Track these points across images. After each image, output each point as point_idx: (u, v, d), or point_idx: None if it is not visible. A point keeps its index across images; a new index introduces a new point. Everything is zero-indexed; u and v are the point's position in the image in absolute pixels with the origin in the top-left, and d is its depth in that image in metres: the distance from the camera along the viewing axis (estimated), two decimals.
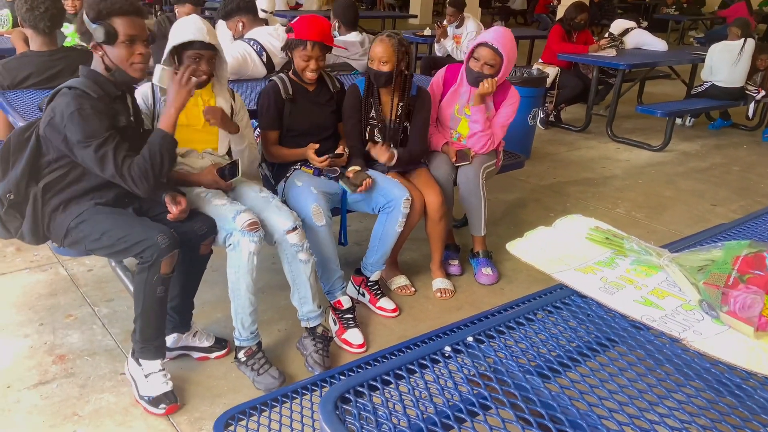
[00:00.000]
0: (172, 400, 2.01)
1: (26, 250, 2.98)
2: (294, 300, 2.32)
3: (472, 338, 1.04)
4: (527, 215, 3.86)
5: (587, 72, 5.94)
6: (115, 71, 1.95)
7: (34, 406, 2.01)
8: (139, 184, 1.91)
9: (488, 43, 2.75)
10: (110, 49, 1.92)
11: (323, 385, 1.41)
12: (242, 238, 2.06)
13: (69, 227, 1.98)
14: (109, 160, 1.86)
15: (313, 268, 2.27)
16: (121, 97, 2.02)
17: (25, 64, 2.88)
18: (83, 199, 2.01)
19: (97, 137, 1.85)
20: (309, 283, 2.27)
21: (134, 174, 1.89)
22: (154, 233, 1.89)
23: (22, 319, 2.47)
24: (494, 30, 2.82)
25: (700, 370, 0.98)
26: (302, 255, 2.23)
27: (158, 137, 1.95)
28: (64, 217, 2.00)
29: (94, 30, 1.88)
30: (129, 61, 1.94)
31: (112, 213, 1.99)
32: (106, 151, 1.86)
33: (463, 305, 2.79)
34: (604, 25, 8.54)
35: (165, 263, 1.90)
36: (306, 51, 2.48)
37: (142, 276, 1.92)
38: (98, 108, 1.88)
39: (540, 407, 0.87)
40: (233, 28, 3.60)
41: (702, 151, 5.59)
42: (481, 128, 2.87)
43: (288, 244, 2.21)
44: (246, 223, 2.06)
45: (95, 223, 1.96)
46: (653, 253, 1.27)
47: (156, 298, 1.94)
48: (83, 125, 1.84)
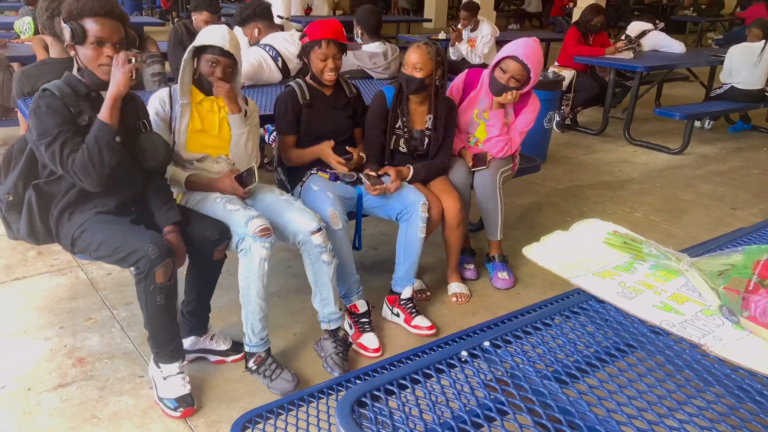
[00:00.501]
0: (189, 403, 2.03)
1: (47, 254, 3.03)
2: (315, 302, 2.33)
3: (488, 343, 1.04)
4: (544, 219, 3.84)
5: (604, 75, 5.90)
6: (84, 71, 1.97)
7: (54, 409, 2.03)
8: (83, 177, 1.90)
9: (518, 57, 2.71)
10: (80, 50, 1.94)
11: (339, 389, 1.41)
12: (253, 243, 2.07)
13: (74, 236, 2.02)
14: (55, 156, 1.88)
15: (335, 270, 2.28)
16: (95, 97, 2.00)
17: (45, 71, 2.92)
18: (86, 207, 2.04)
19: (47, 133, 1.87)
20: (331, 284, 2.28)
21: (76, 168, 1.88)
22: (144, 244, 1.89)
23: (42, 322, 2.50)
24: (525, 43, 2.74)
25: (720, 376, 0.97)
26: (326, 256, 2.24)
27: (95, 128, 1.91)
28: (69, 226, 2.03)
29: (63, 29, 1.91)
30: (97, 62, 1.94)
31: (110, 222, 2.00)
32: (54, 148, 1.88)
33: (478, 310, 2.78)
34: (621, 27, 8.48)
35: (159, 273, 1.90)
36: (321, 50, 2.51)
37: (140, 286, 1.94)
38: (54, 106, 1.89)
39: (558, 413, 0.86)
40: (249, 35, 3.63)
41: (721, 154, 5.52)
42: (498, 133, 2.86)
43: (312, 245, 2.22)
44: (258, 228, 2.07)
45: (94, 233, 1.99)
46: (672, 257, 1.26)
47: (158, 306, 1.95)
48: (37, 123, 1.88)
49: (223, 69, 2.21)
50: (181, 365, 2.06)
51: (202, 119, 2.31)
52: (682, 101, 6.87)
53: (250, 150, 2.37)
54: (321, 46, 2.51)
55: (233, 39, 2.22)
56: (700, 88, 6.84)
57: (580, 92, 5.81)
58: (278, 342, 2.42)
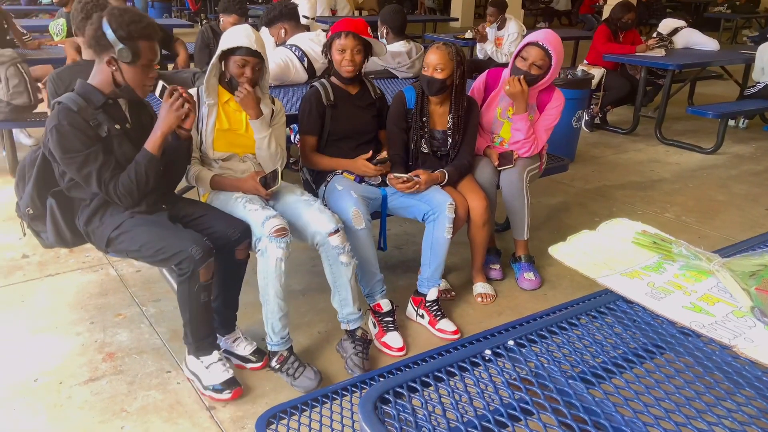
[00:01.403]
0: (236, 384, 2.09)
1: (78, 251, 3.10)
2: (334, 302, 2.34)
3: (512, 342, 1.03)
4: (571, 220, 3.79)
5: (634, 73, 5.80)
6: (124, 88, 2.00)
7: (85, 402, 2.08)
8: (124, 200, 1.99)
9: (538, 42, 2.70)
10: (128, 69, 1.97)
11: (363, 386, 1.41)
12: (269, 243, 2.08)
13: (109, 238, 2.06)
14: (92, 179, 1.94)
15: (353, 271, 2.28)
16: (111, 105, 2.04)
17: (77, 72, 2.98)
18: (117, 209, 2.07)
19: (75, 153, 1.91)
20: (350, 285, 2.28)
21: (119, 192, 1.97)
22: (188, 244, 1.93)
23: (74, 318, 2.56)
24: (544, 31, 2.77)
25: (751, 378, 0.94)
26: (343, 257, 2.24)
27: (145, 159, 1.99)
28: (102, 228, 2.07)
29: (120, 50, 1.92)
30: (143, 83, 2.00)
31: (149, 224, 2.04)
32: (90, 171, 1.93)
33: (504, 310, 2.76)
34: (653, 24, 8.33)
35: (203, 272, 1.96)
36: (340, 42, 2.52)
37: (184, 287, 1.97)
38: (76, 123, 1.92)
39: (583, 413, 0.85)
40: (276, 35, 3.66)
41: (756, 153, 5.38)
42: (524, 136, 2.83)
43: (330, 247, 2.22)
44: (274, 229, 2.08)
45: (134, 235, 2.03)
46: (703, 258, 1.23)
47: (201, 304, 2.01)
48: (61, 141, 1.91)
49: (252, 68, 2.24)
50: (219, 352, 2.12)
51: (229, 119, 2.34)
52: (716, 100, 6.72)
53: (274, 151, 2.39)
54: (340, 38, 2.53)
55: (258, 38, 2.24)
56: (735, 87, 6.68)
57: (609, 91, 5.72)
58: (302, 339, 2.44)
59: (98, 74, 2.01)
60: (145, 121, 2.16)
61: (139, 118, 2.15)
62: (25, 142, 4.59)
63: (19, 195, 2.21)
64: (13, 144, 4.16)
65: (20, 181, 2.19)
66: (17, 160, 4.02)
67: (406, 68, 3.78)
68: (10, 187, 2.75)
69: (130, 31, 1.92)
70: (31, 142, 4.60)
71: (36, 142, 4.56)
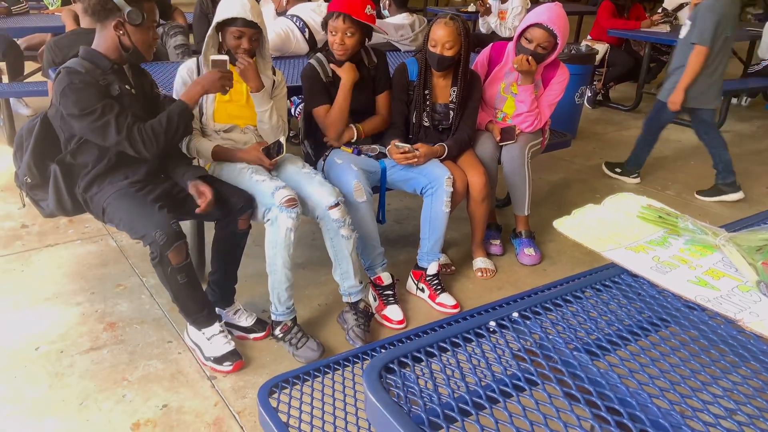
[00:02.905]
0: (237, 357, 2.10)
1: (78, 222, 3.09)
2: (336, 275, 2.34)
3: (517, 314, 1.03)
4: (572, 196, 3.78)
5: (638, 49, 5.73)
6: (132, 50, 2.00)
7: (86, 371, 2.09)
8: (149, 145, 1.97)
9: (543, 24, 2.64)
10: (134, 31, 1.96)
11: (365, 357, 1.42)
12: (280, 214, 2.08)
13: (104, 206, 2.06)
14: (111, 127, 1.91)
15: (354, 244, 2.28)
16: (118, 70, 2.04)
17: (76, 41, 2.95)
18: (116, 176, 2.07)
19: (91, 107, 1.90)
20: (351, 258, 2.28)
21: (145, 135, 1.95)
22: (153, 228, 1.90)
23: (74, 288, 2.56)
24: (547, 8, 2.68)
25: (756, 351, 0.94)
26: (344, 231, 2.23)
27: (180, 107, 2.03)
28: (100, 195, 2.07)
29: (130, 12, 1.92)
30: (150, 44, 2.02)
31: (129, 198, 2.03)
32: (108, 119, 1.91)
33: (504, 285, 2.76)
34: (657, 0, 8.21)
35: (172, 256, 1.92)
36: (333, 22, 2.44)
37: (158, 270, 1.97)
38: (87, 80, 1.92)
39: (588, 384, 0.85)
40: (277, 3, 3.61)
41: (759, 132, 5.36)
42: (527, 108, 2.80)
43: (330, 220, 2.22)
44: (284, 199, 2.07)
45: (116, 208, 2.03)
46: (709, 232, 1.22)
47: (180, 285, 1.99)
48: (76, 98, 1.89)
49: (249, 39, 2.20)
50: (221, 324, 2.13)
51: (230, 91, 2.30)
52: None
53: (276, 124, 2.36)
54: (333, 19, 2.44)
55: (254, 6, 2.20)
56: (738, 64, 6.60)
57: (613, 67, 5.66)
58: (303, 312, 2.44)
59: (103, 40, 1.99)
60: (146, 87, 2.16)
61: (142, 84, 2.14)
62: (23, 112, 4.54)
63: (17, 164, 2.19)
64: (11, 114, 4.13)
65: (18, 150, 2.17)
66: (14, 129, 3.99)
67: (408, 41, 3.73)
68: (9, 156, 2.73)
69: None
70: (29, 111, 4.56)
71: (33, 112, 4.52)
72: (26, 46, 4.63)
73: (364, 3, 2.44)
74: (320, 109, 2.57)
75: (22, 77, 4.51)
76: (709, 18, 3.43)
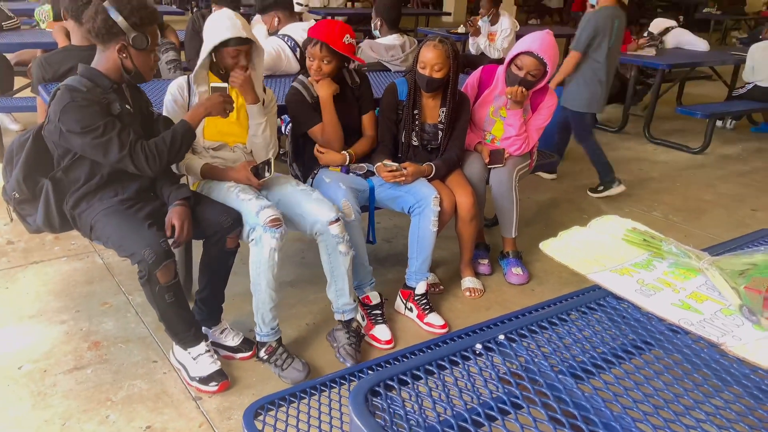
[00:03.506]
0: (223, 377, 2.08)
1: (64, 238, 3.06)
2: (330, 292, 2.33)
3: (503, 336, 1.03)
4: (560, 216, 3.80)
5: (625, 72, 5.82)
6: (134, 74, 2.01)
7: (69, 390, 2.06)
8: (152, 162, 1.97)
9: (533, 52, 2.68)
10: (137, 55, 1.98)
11: (351, 378, 1.41)
12: (264, 233, 2.07)
13: (92, 223, 2.05)
14: (113, 144, 1.92)
15: (351, 262, 2.28)
16: (116, 89, 2.05)
17: (66, 57, 2.95)
18: (106, 194, 2.07)
19: (94, 125, 1.90)
20: (347, 275, 2.28)
21: (149, 152, 1.97)
22: (142, 247, 1.89)
23: (59, 306, 2.53)
24: (538, 36, 2.70)
25: (739, 375, 0.95)
26: (342, 247, 2.24)
27: (183, 128, 2.05)
28: (89, 212, 2.06)
29: (135, 37, 1.94)
30: (151, 67, 2.04)
31: (119, 216, 2.02)
32: (111, 137, 1.91)
33: (492, 305, 2.77)
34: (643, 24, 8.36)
35: (160, 275, 1.92)
36: (311, 49, 2.47)
37: (145, 288, 1.96)
38: (89, 98, 1.93)
39: (573, 408, 0.85)
40: (269, 23, 3.64)
41: (743, 154, 5.44)
42: (516, 132, 2.84)
43: (330, 235, 2.22)
44: (269, 219, 2.07)
45: (103, 226, 2.02)
46: (692, 256, 1.24)
47: (168, 304, 1.98)
48: (79, 115, 1.90)
49: (246, 55, 2.23)
50: (207, 344, 2.11)
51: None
52: (705, 100, 6.77)
53: (268, 138, 2.37)
54: (311, 45, 2.47)
55: (243, 22, 2.22)
56: (723, 87, 6.74)
57: None
58: (290, 332, 2.43)
59: (105, 61, 2.00)
60: (143, 106, 2.18)
61: (139, 103, 2.16)
62: (12, 127, 4.52)
63: (6, 179, 2.18)
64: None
65: (8, 165, 2.16)
66: (2, 144, 3.97)
67: (399, 62, 3.76)
68: None
69: (141, 17, 1.94)
70: (17, 127, 4.54)
71: (22, 127, 4.50)
72: (16, 61, 4.62)
73: (343, 32, 2.46)
74: (316, 128, 2.58)
75: (12, 92, 4.50)
76: (586, 29, 3.93)
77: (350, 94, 2.66)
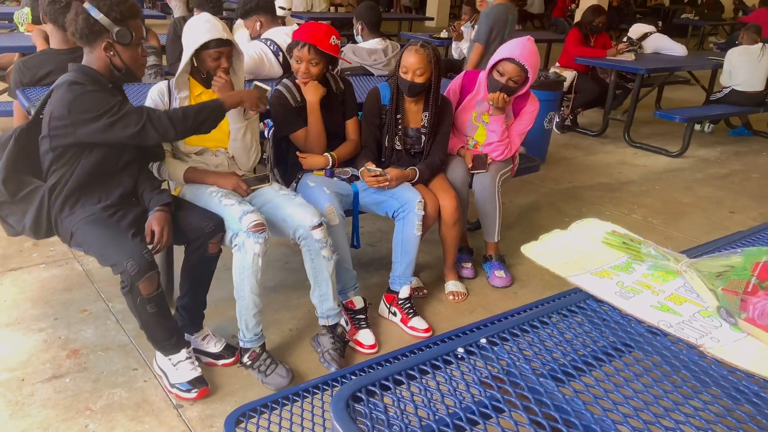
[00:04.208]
0: (203, 384, 2.06)
1: (43, 245, 3.01)
2: (314, 297, 2.32)
3: (485, 340, 1.03)
4: (542, 219, 3.83)
5: (605, 76, 5.89)
6: (125, 70, 2.00)
7: (47, 400, 2.02)
8: (177, 123, 1.96)
9: (515, 59, 2.69)
10: (124, 50, 1.97)
11: (334, 384, 1.40)
12: (247, 239, 2.06)
13: (73, 230, 2.02)
14: (131, 115, 1.91)
15: (334, 266, 2.27)
16: (111, 89, 2.04)
17: (45, 61, 2.91)
18: (89, 200, 2.04)
19: (107, 106, 1.89)
20: (331, 280, 2.27)
21: (173, 115, 1.96)
22: (125, 258, 1.87)
23: (37, 313, 2.49)
24: (520, 43, 2.72)
25: (717, 377, 0.96)
26: (326, 252, 2.23)
27: (215, 103, 2.07)
28: (70, 219, 2.03)
29: (118, 32, 1.93)
30: (139, 62, 2.02)
31: (101, 225, 2.00)
32: (127, 110, 1.91)
33: (475, 308, 2.78)
34: (623, 29, 8.48)
35: (143, 286, 1.89)
36: (297, 51, 2.47)
37: (128, 299, 1.93)
38: (96, 86, 1.93)
39: (554, 411, 0.86)
40: (251, 27, 3.62)
41: (721, 157, 5.53)
42: (498, 138, 2.85)
43: (313, 240, 2.21)
44: (252, 224, 2.06)
45: (86, 233, 1.99)
46: (671, 258, 1.25)
47: (149, 314, 1.95)
48: (90, 102, 1.88)
49: (227, 57, 2.22)
50: (188, 351, 2.08)
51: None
52: (683, 104, 6.87)
53: (249, 143, 2.36)
54: (298, 48, 2.47)
55: (222, 24, 2.23)
56: (701, 92, 6.84)
57: (580, 93, 5.80)
58: (274, 337, 2.41)
59: (94, 62, 1.98)
60: None
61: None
62: None
63: None
64: None
65: None
66: None
67: (381, 66, 3.77)
68: None
69: (121, 11, 1.93)
70: None
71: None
72: None
73: (329, 33, 2.47)
74: (299, 133, 2.58)
75: None
76: (484, 23, 4.59)
77: (335, 99, 2.66)
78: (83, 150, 1.99)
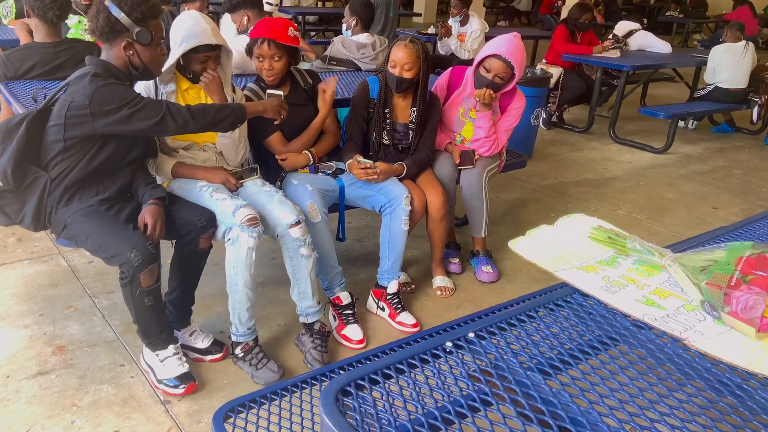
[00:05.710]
0: (190, 379, 2.05)
1: (27, 240, 2.98)
2: (293, 295, 2.32)
3: (473, 334, 1.04)
4: (528, 215, 3.86)
5: (591, 73, 5.93)
6: (142, 70, 2.00)
7: (33, 396, 2.01)
8: (197, 115, 1.98)
9: (501, 55, 2.70)
10: (144, 50, 1.96)
11: (323, 379, 1.41)
12: (241, 233, 2.06)
13: (67, 222, 2.00)
14: (151, 106, 1.91)
15: (314, 264, 2.27)
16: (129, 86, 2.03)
17: (29, 55, 2.88)
18: (86, 194, 2.02)
19: (129, 97, 1.89)
20: (310, 278, 2.27)
21: (194, 108, 1.98)
22: (128, 249, 1.86)
23: (22, 310, 2.47)
24: (506, 39, 2.72)
25: (701, 369, 0.98)
26: (304, 250, 2.22)
27: (237, 106, 2.10)
28: (65, 210, 2.01)
29: (139, 32, 1.93)
30: (158, 61, 2.03)
31: (100, 216, 1.98)
32: (147, 102, 1.92)
33: (463, 303, 2.79)
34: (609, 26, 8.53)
35: (144, 278, 1.89)
36: (258, 49, 2.45)
37: (126, 290, 1.92)
38: (117, 82, 1.94)
39: (541, 404, 0.87)
40: (238, 22, 3.60)
41: (704, 154, 5.59)
42: (485, 134, 2.86)
43: (291, 239, 2.20)
44: (246, 218, 2.06)
45: (83, 224, 1.97)
46: (656, 253, 1.27)
47: (146, 307, 1.95)
48: (113, 93, 1.88)
49: (215, 60, 2.21)
50: (176, 347, 2.07)
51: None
52: (667, 101, 6.94)
53: (237, 138, 2.35)
54: (258, 45, 2.45)
55: (213, 26, 2.19)
56: (685, 89, 6.92)
57: (566, 90, 5.84)
58: (262, 333, 2.41)
59: (113, 60, 1.97)
60: None
61: None
62: None
63: None
64: None
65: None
66: None
67: (369, 60, 3.77)
68: None
69: (143, 11, 1.92)
70: None
71: None
72: None
73: (286, 26, 2.45)
74: (273, 137, 2.55)
75: None
76: None
77: (303, 94, 2.64)
78: (94, 144, 1.97)
